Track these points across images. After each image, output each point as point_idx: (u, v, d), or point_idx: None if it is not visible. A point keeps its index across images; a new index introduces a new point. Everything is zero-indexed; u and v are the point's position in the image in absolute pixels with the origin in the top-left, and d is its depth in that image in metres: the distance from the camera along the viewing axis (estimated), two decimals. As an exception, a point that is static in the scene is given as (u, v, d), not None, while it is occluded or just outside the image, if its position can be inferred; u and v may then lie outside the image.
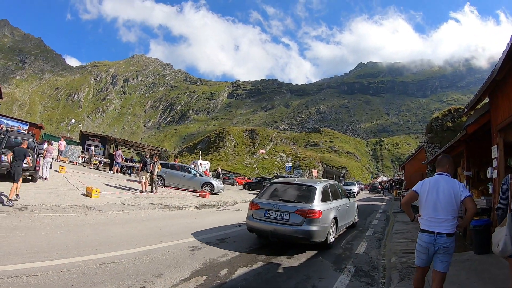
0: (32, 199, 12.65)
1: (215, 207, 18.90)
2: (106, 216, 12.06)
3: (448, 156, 5.40)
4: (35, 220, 9.81)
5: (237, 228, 12.17)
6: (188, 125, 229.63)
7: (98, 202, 14.28)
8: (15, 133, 17.84)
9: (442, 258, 4.78)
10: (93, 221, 10.77)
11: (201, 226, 11.97)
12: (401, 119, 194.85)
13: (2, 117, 40.17)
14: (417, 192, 5.10)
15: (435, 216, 4.85)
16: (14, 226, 8.82)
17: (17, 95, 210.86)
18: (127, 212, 13.47)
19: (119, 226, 10.52)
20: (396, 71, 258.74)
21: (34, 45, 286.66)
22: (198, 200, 20.17)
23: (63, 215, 11.15)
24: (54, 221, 10.04)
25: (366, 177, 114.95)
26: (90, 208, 12.84)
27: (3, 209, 10.68)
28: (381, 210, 24.74)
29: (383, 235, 13.25)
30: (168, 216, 13.86)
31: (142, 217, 12.75)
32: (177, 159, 42.30)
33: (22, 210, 10.95)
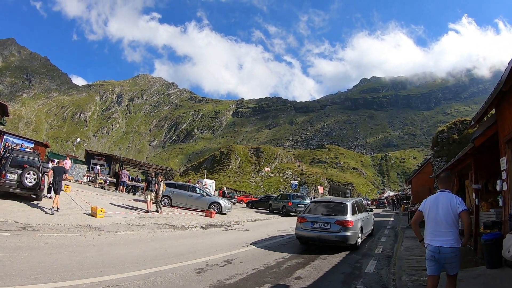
0: (36, 219, 12.53)
1: (221, 227, 18.64)
2: (111, 236, 11.93)
3: (448, 173, 6.12)
4: (39, 240, 9.69)
5: (244, 249, 11.97)
6: (193, 144, 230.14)
7: (103, 222, 14.14)
8: (20, 152, 17.80)
9: (451, 265, 5.33)
10: (97, 242, 10.63)
11: (207, 246, 11.82)
12: (405, 133, 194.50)
13: (8, 135, 40.29)
14: (421, 210, 5.78)
15: (437, 229, 5.44)
16: (17, 245, 8.70)
17: (23, 113, 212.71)
18: (132, 232, 13.32)
19: (124, 247, 10.37)
20: (399, 85, 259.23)
21: (41, 64, 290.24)
22: (204, 220, 19.95)
23: (67, 235, 11.03)
24: (58, 241, 9.91)
25: (372, 192, 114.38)
26: (95, 228, 12.70)
27: (6, 228, 10.56)
28: (389, 226, 24.40)
29: (392, 252, 13.01)
30: (174, 237, 13.71)
31: (148, 238, 12.60)
32: (191, 180, 42.28)
33: (26, 229, 10.82)
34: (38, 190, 15.57)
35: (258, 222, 23.91)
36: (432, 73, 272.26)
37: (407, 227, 22.59)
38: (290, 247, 12.97)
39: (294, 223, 21.51)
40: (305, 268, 9.35)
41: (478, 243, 9.77)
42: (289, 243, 14.19)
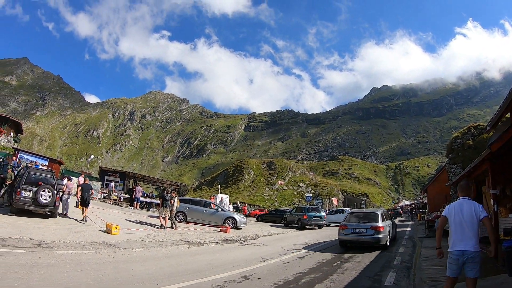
0: (51, 236, 12.48)
1: (237, 242, 18.45)
2: (127, 253, 11.85)
3: (467, 181, 6.66)
4: (55, 257, 9.62)
5: (261, 264, 11.80)
6: (206, 159, 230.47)
7: (118, 239, 14.06)
8: (35, 169, 17.93)
9: (471, 266, 5.68)
10: (113, 259, 10.54)
11: (223, 262, 11.68)
12: (418, 140, 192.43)
13: (23, 152, 40.67)
14: (446, 215, 6.19)
15: (462, 234, 5.82)
16: (33, 263, 8.64)
17: (37, 130, 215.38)
18: (148, 249, 13.20)
19: (140, 264, 10.26)
20: (410, 92, 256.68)
21: (54, 82, 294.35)
22: (219, 236, 19.79)
23: (83, 252, 10.97)
24: (74, 259, 9.85)
25: (387, 202, 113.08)
26: (110, 245, 12.62)
27: (22, 245, 10.51)
28: (406, 236, 23.95)
29: (411, 263, 12.74)
30: (190, 253, 13.61)
31: (163, 254, 12.48)
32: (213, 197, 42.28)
33: (42, 246, 10.77)
34: (53, 207, 15.66)
35: (274, 236, 23.68)
36: (442, 79, 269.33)
37: (425, 236, 22.20)
38: (307, 262, 12.76)
39: (310, 237, 21.50)
40: (324, 282, 9.18)
41: (499, 250, 9.55)
42: (306, 257, 13.99)
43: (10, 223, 13.54)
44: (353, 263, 12.51)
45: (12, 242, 10.68)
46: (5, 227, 12.65)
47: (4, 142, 63.98)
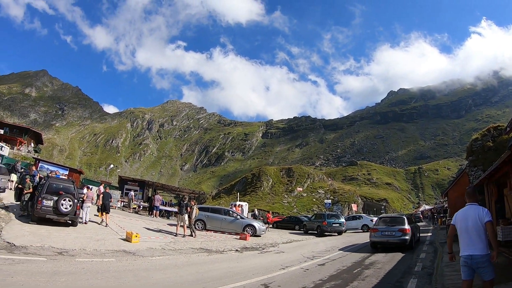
0: (72, 244, 12.60)
1: (256, 249, 18.36)
2: (147, 261, 11.86)
3: (473, 187, 6.97)
4: (76, 265, 9.70)
5: (281, 272, 11.67)
6: (225, 167, 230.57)
7: (138, 247, 14.12)
8: (55, 179, 18.16)
9: (483, 270, 5.86)
10: (133, 267, 10.57)
11: (243, 270, 11.62)
12: (438, 143, 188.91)
13: (43, 162, 41.32)
14: (453, 224, 6.51)
15: (468, 239, 6.06)
16: (54, 271, 8.70)
17: (57, 141, 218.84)
18: (168, 257, 13.24)
19: (160, 272, 10.26)
20: (428, 94, 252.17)
21: (73, 93, 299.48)
22: (238, 243, 19.71)
23: (103, 260, 11.03)
24: (94, 267, 9.91)
25: (407, 207, 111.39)
26: (130, 253, 12.67)
27: (43, 253, 10.65)
28: (427, 242, 23.55)
29: (433, 269, 12.52)
30: (209, 261, 13.55)
31: (183, 262, 12.49)
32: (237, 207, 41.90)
33: (63, 254, 10.88)
34: (74, 215, 15.85)
35: (293, 243, 23.51)
36: (459, 80, 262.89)
37: (446, 241, 21.77)
38: (327, 269, 12.59)
39: (330, 243, 21.40)
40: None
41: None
42: (326, 264, 13.81)
43: (32, 231, 13.71)
44: (373, 269, 12.32)
45: (33, 250, 10.81)
46: (27, 235, 12.82)
47: (24, 152, 65.03)
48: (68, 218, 15.85)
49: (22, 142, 71.93)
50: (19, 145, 69.31)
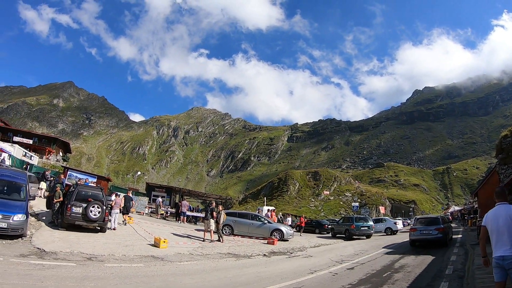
0: (101, 250, 12.72)
1: (284, 254, 18.14)
2: (175, 266, 11.87)
3: (502, 186, 7.01)
4: (105, 271, 9.75)
5: (310, 276, 11.51)
6: (251, 172, 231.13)
7: (166, 252, 14.14)
8: (84, 186, 18.45)
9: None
10: (162, 272, 10.57)
11: (271, 275, 11.50)
12: (465, 142, 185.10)
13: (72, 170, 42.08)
14: (484, 225, 6.18)
15: (499, 240, 5.78)
16: (84, 276, 8.78)
17: (84, 149, 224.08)
18: (196, 262, 13.20)
19: (188, 277, 10.25)
20: (453, 92, 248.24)
21: (99, 103, 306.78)
22: (266, 248, 19.58)
23: (132, 265, 11.06)
24: (123, 272, 9.95)
25: (436, 208, 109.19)
26: (159, 259, 12.69)
27: (72, 258, 10.77)
28: (457, 244, 22.94)
29: (464, 272, 12.15)
30: (237, 266, 13.48)
31: (211, 267, 12.43)
32: (273, 212, 41.34)
33: (92, 260, 10.98)
34: (103, 222, 16.07)
35: (321, 247, 23.24)
36: (485, 75, 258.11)
37: (477, 243, 21.13)
38: (356, 273, 12.38)
39: (359, 247, 21.18)
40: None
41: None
42: (355, 268, 13.60)
43: (61, 237, 13.95)
44: (403, 273, 12.06)
45: (63, 255, 10.95)
46: (56, 241, 13.02)
47: (53, 161, 66.54)
48: (97, 224, 16.10)
49: (50, 151, 73.63)
50: (47, 154, 71.01)
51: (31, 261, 9.63)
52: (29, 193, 14.14)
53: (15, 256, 10.04)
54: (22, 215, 12.15)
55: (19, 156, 41.63)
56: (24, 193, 13.71)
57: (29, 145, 66.63)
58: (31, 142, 71.22)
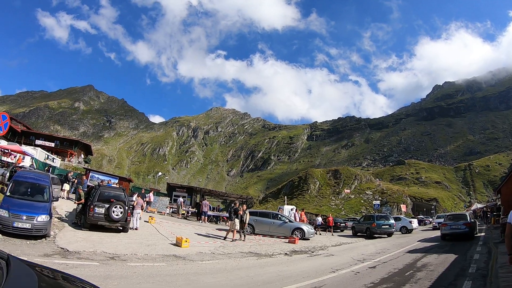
0: (123, 249, 12.87)
1: (305, 253, 18.12)
2: (197, 265, 11.91)
3: None
4: (128, 270, 9.85)
5: (332, 275, 11.42)
6: (271, 171, 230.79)
7: (188, 252, 14.22)
8: (107, 187, 18.76)
9: None
10: (184, 271, 10.62)
11: (293, 274, 11.48)
12: (487, 137, 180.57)
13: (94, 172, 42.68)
14: (509, 222, 5.89)
15: None
16: (107, 274, 8.88)
17: (105, 151, 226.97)
18: (217, 261, 13.24)
19: (210, 276, 10.28)
20: (474, 86, 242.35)
21: (119, 106, 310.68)
22: (287, 247, 19.57)
23: (154, 264, 11.16)
24: (146, 271, 10.04)
25: (458, 206, 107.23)
26: (181, 258, 12.76)
27: (95, 258, 10.90)
28: (480, 242, 22.49)
29: (487, 270, 11.90)
30: (259, 265, 13.47)
31: (233, 266, 12.46)
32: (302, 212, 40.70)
33: (115, 259, 11.09)
34: (125, 222, 16.31)
35: (342, 246, 23.14)
36: (505, 68, 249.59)
37: (500, 241, 20.66)
38: (378, 272, 12.24)
39: (380, 246, 21.10)
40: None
41: None
42: (377, 267, 13.45)
43: (84, 237, 14.17)
44: (426, 272, 11.89)
45: (86, 255, 11.09)
46: (79, 241, 13.22)
47: (75, 163, 67.62)
48: (119, 224, 16.37)
49: (72, 153, 74.92)
50: (69, 157, 72.22)
51: (55, 261, 9.75)
52: (52, 194, 14.39)
53: (39, 255, 10.20)
54: (46, 216, 12.38)
55: (42, 159, 42.47)
56: (48, 194, 13.97)
57: (51, 148, 67.98)
58: (53, 145, 72.60)
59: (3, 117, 14.88)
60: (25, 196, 13.31)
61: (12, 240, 11.50)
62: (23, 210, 12.08)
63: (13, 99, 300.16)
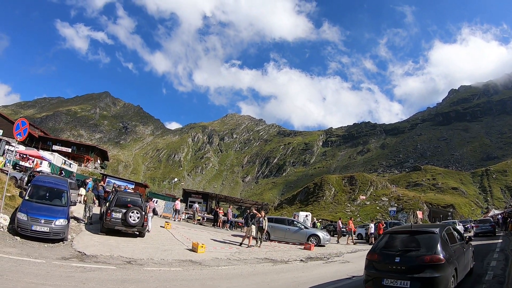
0: (140, 254, 12.97)
1: (321, 259, 18.02)
2: (213, 271, 11.93)
3: None
4: (144, 274, 9.93)
5: (347, 282, 11.40)
6: (286, 177, 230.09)
7: (204, 257, 14.26)
8: (123, 192, 18.96)
9: None
10: (200, 276, 10.65)
11: (309, 280, 11.39)
12: (505, 141, 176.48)
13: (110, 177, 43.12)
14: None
15: None
16: (124, 278, 8.97)
17: (121, 157, 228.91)
18: (233, 267, 13.27)
19: (226, 281, 10.29)
20: (491, 89, 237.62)
21: (134, 112, 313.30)
22: (303, 253, 19.50)
23: (170, 269, 11.23)
24: (162, 275, 10.11)
25: (475, 212, 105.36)
26: (197, 263, 12.80)
27: (112, 262, 11.01)
28: (498, 249, 21.98)
29: (504, 277, 11.65)
30: (274, 271, 13.45)
31: (248, 272, 12.48)
32: (351, 221, 39.56)
33: (131, 263, 11.18)
34: (142, 227, 16.41)
35: (358, 253, 22.88)
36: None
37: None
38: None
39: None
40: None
41: None
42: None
43: (101, 242, 14.32)
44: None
45: (103, 259, 11.20)
46: (96, 245, 13.35)
47: (91, 169, 68.41)
48: (136, 229, 16.46)
49: (89, 159, 75.79)
50: (86, 162, 73.05)
51: (72, 264, 9.88)
52: (70, 199, 14.57)
53: (57, 259, 10.34)
54: (64, 220, 12.56)
55: (59, 164, 43.00)
56: (66, 199, 14.16)
57: (68, 153, 68.85)
58: (70, 150, 73.55)
59: (22, 123, 15.07)
60: (44, 200, 13.51)
61: (30, 243, 11.67)
62: (42, 214, 12.29)
63: (31, 104, 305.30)
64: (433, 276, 7.60)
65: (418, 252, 8.20)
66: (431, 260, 7.79)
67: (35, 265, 9.23)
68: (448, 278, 7.85)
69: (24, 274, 8.23)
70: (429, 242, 8.38)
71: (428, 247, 8.22)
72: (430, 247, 8.19)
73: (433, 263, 7.75)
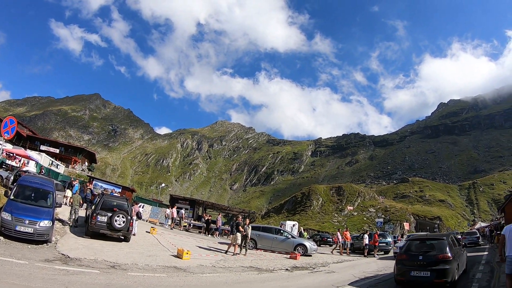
0: (124, 258, 12.89)
1: (306, 269, 17.98)
2: (197, 278, 11.88)
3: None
4: (128, 279, 9.86)
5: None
6: (274, 186, 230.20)
7: (189, 264, 14.20)
8: (110, 196, 18.84)
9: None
10: (184, 283, 10.61)
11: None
12: (492, 155, 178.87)
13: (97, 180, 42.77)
14: (504, 234, 8.57)
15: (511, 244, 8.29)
16: (107, 283, 8.89)
17: (109, 160, 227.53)
18: (218, 274, 13.22)
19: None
20: (479, 104, 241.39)
21: (124, 115, 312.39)
22: (288, 262, 19.44)
23: (154, 275, 11.15)
24: (146, 281, 10.04)
25: (462, 225, 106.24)
26: (181, 270, 12.73)
27: (96, 266, 10.92)
28: (483, 261, 22.17)
29: (489, 290, 11.62)
30: (259, 279, 13.44)
31: (233, 280, 12.43)
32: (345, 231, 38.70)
33: (115, 268, 11.10)
34: (127, 231, 16.31)
35: (344, 263, 22.95)
36: (510, 85, 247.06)
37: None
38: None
39: (382, 263, 20.78)
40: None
41: None
42: (378, 285, 13.41)
43: (85, 245, 14.20)
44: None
45: (87, 262, 11.12)
46: (81, 248, 13.26)
47: (79, 171, 67.85)
48: (121, 233, 16.32)
49: (76, 160, 75.17)
50: (73, 164, 72.41)
51: (55, 266, 9.79)
52: (55, 200, 14.45)
53: (40, 260, 10.25)
54: (48, 221, 12.48)
55: (46, 164, 42.56)
56: (51, 200, 14.06)
57: (55, 154, 68.24)
58: (58, 151, 72.93)
59: (10, 121, 15.02)
60: (29, 200, 13.41)
61: (13, 244, 11.58)
62: (26, 214, 12.21)
63: (21, 103, 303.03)
64: (445, 267, 11.07)
65: (434, 252, 11.74)
66: (443, 257, 11.31)
67: (18, 266, 9.15)
68: (454, 269, 11.31)
69: (6, 275, 8.15)
70: (441, 245, 11.98)
71: (440, 249, 11.78)
72: (441, 249, 11.74)
73: (444, 259, 11.26)
